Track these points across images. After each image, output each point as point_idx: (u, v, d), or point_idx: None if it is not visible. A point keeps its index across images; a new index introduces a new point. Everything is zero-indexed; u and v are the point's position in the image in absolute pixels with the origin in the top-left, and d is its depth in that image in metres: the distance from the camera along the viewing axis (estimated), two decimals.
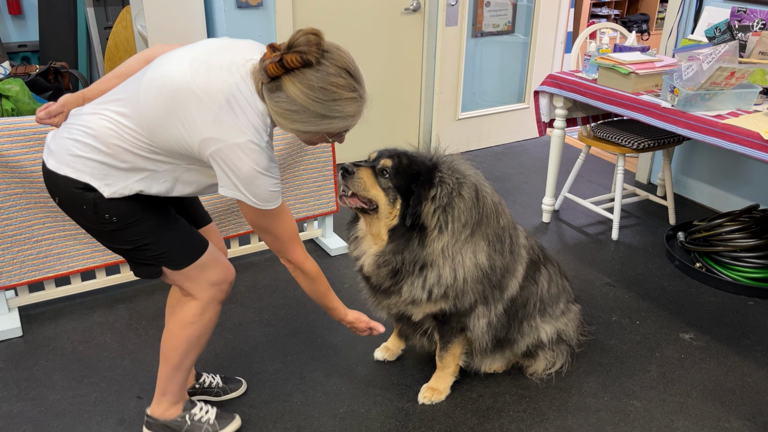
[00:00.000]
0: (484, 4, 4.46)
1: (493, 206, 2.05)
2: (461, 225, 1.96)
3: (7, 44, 4.83)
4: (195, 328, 1.87)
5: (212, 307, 1.87)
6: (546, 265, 2.33)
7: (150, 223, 1.72)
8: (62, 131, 1.70)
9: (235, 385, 2.27)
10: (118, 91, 1.68)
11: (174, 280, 1.83)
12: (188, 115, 1.56)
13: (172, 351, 1.91)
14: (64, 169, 1.65)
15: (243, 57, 1.61)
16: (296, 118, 1.56)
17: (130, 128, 1.62)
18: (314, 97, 1.52)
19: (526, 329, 2.28)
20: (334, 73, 1.53)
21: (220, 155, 1.56)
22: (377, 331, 2.15)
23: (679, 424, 2.22)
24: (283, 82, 1.53)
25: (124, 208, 1.68)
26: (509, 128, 4.93)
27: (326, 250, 3.30)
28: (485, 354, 2.29)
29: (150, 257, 1.76)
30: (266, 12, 3.75)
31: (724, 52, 2.66)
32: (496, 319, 2.17)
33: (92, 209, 1.66)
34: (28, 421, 2.18)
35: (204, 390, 2.21)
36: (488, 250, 2.03)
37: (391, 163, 1.96)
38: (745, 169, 3.65)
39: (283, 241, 1.78)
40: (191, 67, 1.58)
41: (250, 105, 1.57)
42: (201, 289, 1.84)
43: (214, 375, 2.26)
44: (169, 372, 1.94)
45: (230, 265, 1.91)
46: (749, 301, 2.93)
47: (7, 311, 2.67)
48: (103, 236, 1.74)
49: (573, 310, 2.42)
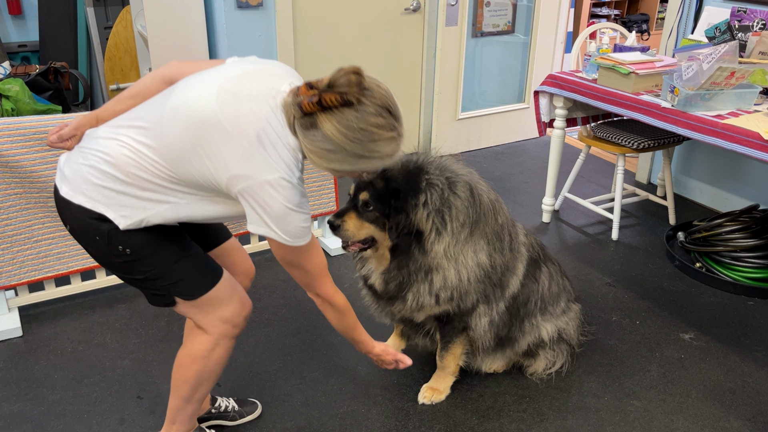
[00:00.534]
0: (484, 4, 4.46)
1: (490, 204, 2.05)
2: (459, 225, 1.95)
3: (7, 44, 4.83)
4: (205, 363, 1.81)
5: (224, 342, 1.80)
6: (546, 263, 2.33)
7: (163, 254, 1.65)
8: (77, 156, 1.62)
9: (251, 407, 2.22)
10: (138, 116, 1.60)
11: (186, 312, 1.76)
12: (216, 149, 1.49)
13: (183, 384, 1.85)
14: (78, 197, 1.57)
15: (271, 86, 1.53)
16: (332, 158, 1.49)
17: (151, 158, 1.54)
18: (352, 138, 1.44)
19: (527, 328, 2.29)
20: (373, 113, 1.45)
21: (249, 192, 1.49)
22: (404, 365, 2.09)
23: (679, 424, 2.22)
24: (318, 119, 1.45)
25: (138, 240, 1.61)
26: (509, 128, 4.93)
27: (326, 250, 3.30)
28: (487, 352, 2.29)
29: (162, 287, 1.69)
30: (266, 12, 3.75)
31: (724, 52, 2.66)
32: (498, 317, 2.17)
33: (105, 241, 1.59)
34: (28, 421, 2.18)
35: (220, 415, 2.17)
36: (488, 249, 2.03)
37: (368, 195, 1.92)
38: (745, 169, 3.65)
39: (312, 275, 1.71)
40: (218, 98, 1.50)
41: (281, 140, 1.49)
42: (212, 325, 1.77)
43: (228, 399, 2.21)
44: (180, 403, 1.89)
45: (246, 299, 1.83)
46: (749, 301, 2.93)
47: (7, 311, 2.67)
48: (113, 267, 1.68)
49: (573, 309, 2.42)
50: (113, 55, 4.63)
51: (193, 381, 1.83)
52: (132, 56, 4.63)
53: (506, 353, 2.35)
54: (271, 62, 1.65)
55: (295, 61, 3.95)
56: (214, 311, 1.76)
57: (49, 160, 2.47)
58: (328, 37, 4.02)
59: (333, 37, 4.04)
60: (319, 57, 4.04)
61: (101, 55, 4.73)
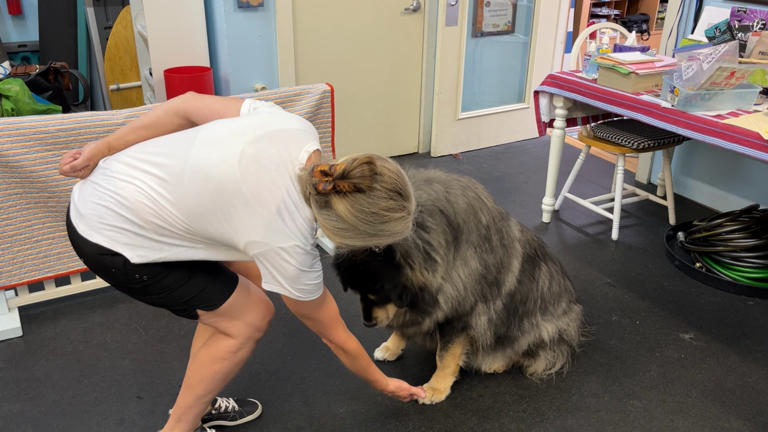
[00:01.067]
0: (484, 4, 4.46)
1: (467, 207, 2.04)
2: (444, 249, 1.98)
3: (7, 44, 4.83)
4: (226, 365, 1.85)
5: (248, 345, 1.86)
6: (546, 262, 2.33)
7: (179, 273, 1.69)
8: (92, 194, 1.63)
9: (251, 407, 2.23)
10: (156, 162, 1.61)
11: (211, 322, 1.80)
12: (235, 215, 1.54)
13: (199, 382, 1.87)
14: (95, 236, 1.60)
15: (290, 154, 1.58)
16: (345, 235, 1.54)
17: (169, 211, 1.58)
18: (364, 220, 1.50)
19: (526, 327, 2.29)
20: (384, 197, 1.51)
21: (265, 256, 1.57)
22: (419, 396, 2.20)
23: (679, 424, 2.22)
24: (332, 200, 1.50)
25: (152, 267, 1.65)
26: (509, 128, 4.93)
27: (326, 250, 3.30)
28: (487, 351, 2.30)
29: (183, 302, 1.73)
30: (266, 13, 3.75)
31: (724, 52, 2.66)
32: (496, 315, 2.19)
33: (122, 271, 1.63)
34: (28, 421, 2.18)
35: (220, 415, 2.18)
36: (477, 254, 2.06)
37: (371, 296, 2.00)
38: (745, 169, 3.65)
39: (324, 325, 1.78)
40: (240, 164, 1.54)
41: (298, 211, 1.56)
42: (239, 330, 1.82)
43: (228, 399, 2.22)
44: (192, 401, 1.91)
45: (269, 303, 1.90)
46: (749, 301, 2.93)
47: (7, 311, 2.67)
48: (132, 293, 1.71)
49: (575, 310, 2.42)
50: (113, 55, 4.63)
51: (210, 380, 1.86)
52: (132, 56, 4.63)
53: (506, 352, 2.35)
54: (290, 119, 1.68)
55: (295, 61, 3.95)
56: (239, 316, 1.80)
57: (49, 160, 2.47)
58: (328, 37, 4.02)
59: (333, 37, 4.04)
60: (319, 57, 4.04)
61: (101, 55, 4.73)
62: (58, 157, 2.47)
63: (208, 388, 1.88)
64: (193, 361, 1.88)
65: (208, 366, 1.85)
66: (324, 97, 2.98)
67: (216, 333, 1.87)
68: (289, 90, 2.91)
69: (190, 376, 1.89)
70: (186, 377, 1.90)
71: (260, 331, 1.87)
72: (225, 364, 1.85)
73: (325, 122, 3.04)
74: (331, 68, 4.11)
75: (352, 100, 4.27)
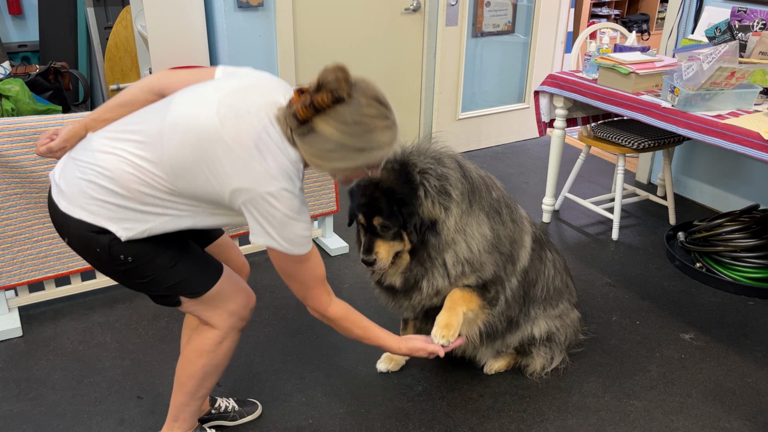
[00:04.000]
0: (484, 4, 4.46)
1: (480, 179, 2.05)
2: (460, 195, 1.95)
3: (7, 44, 4.83)
4: (212, 357, 1.83)
5: (231, 335, 1.83)
6: (551, 250, 2.33)
7: (165, 257, 1.67)
8: (72, 169, 1.61)
9: (251, 408, 2.23)
10: (133, 129, 1.60)
11: (192, 310, 1.77)
12: (218, 163, 1.51)
13: (189, 379, 1.86)
14: (77, 212, 1.58)
15: (268, 100, 1.56)
16: (334, 157, 1.51)
17: (152, 172, 1.55)
18: (350, 132, 1.47)
19: (532, 314, 2.28)
20: (365, 104, 1.49)
21: (253, 204, 1.52)
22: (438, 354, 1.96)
23: (679, 424, 2.22)
24: (315, 123, 1.48)
25: (138, 247, 1.62)
26: (509, 128, 4.93)
27: (326, 250, 3.30)
28: (494, 339, 2.27)
29: (166, 288, 1.71)
30: (266, 13, 3.75)
31: (724, 52, 2.66)
32: (512, 293, 2.16)
33: (106, 252, 1.60)
34: (28, 421, 2.18)
35: (220, 415, 2.17)
36: (489, 222, 2.03)
37: (381, 219, 1.94)
38: (745, 169, 3.65)
39: (308, 287, 1.71)
40: (219, 113, 1.52)
41: (281, 151, 1.52)
42: (221, 319, 1.79)
43: (228, 399, 2.22)
44: (184, 399, 1.90)
45: (250, 292, 1.87)
46: (749, 301, 2.93)
47: (7, 311, 2.67)
48: (115, 275, 1.69)
49: (571, 315, 2.40)
50: (113, 55, 4.63)
51: (199, 375, 1.85)
52: (132, 56, 4.63)
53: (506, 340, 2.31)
54: (265, 75, 1.67)
55: (295, 61, 3.95)
56: (221, 305, 1.78)
57: (49, 160, 2.47)
58: (328, 37, 4.02)
59: (333, 37, 4.04)
60: (319, 57, 4.04)
61: (101, 55, 4.73)
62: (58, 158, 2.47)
63: (199, 383, 1.87)
64: (181, 359, 1.88)
65: (194, 361, 1.84)
66: None
67: (199, 326, 1.85)
68: None
69: (180, 374, 1.88)
70: (176, 375, 1.89)
71: (243, 320, 1.84)
72: (211, 357, 1.83)
73: None
74: None
75: None
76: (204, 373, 1.85)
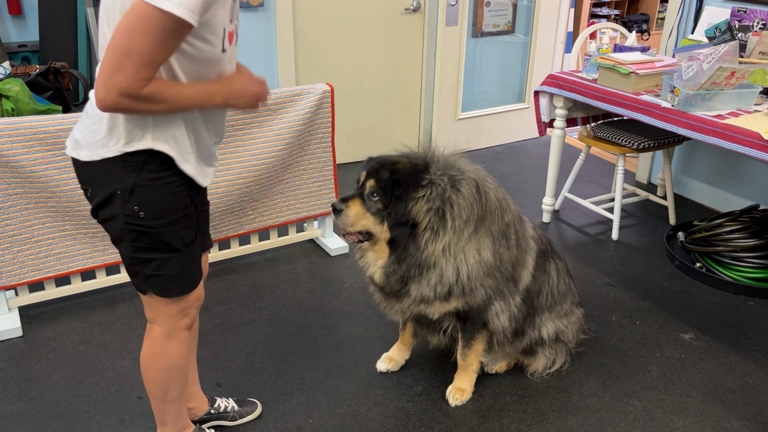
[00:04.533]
0: (484, 4, 4.46)
1: (497, 202, 2.05)
2: (463, 222, 1.94)
3: (7, 44, 4.83)
4: (165, 359, 1.79)
5: (177, 333, 1.78)
6: (554, 258, 2.33)
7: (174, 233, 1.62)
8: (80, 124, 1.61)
9: (251, 407, 2.22)
10: None
11: (147, 300, 1.73)
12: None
13: (151, 384, 1.84)
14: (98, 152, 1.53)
15: None
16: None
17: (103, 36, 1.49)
18: None
19: (537, 322, 2.29)
20: None
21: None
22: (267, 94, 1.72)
23: (679, 424, 2.22)
24: None
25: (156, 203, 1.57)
26: (509, 128, 4.93)
27: (326, 250, 3.30)
28: (503, 347, 2.29)
29: (148, 275, 1.66)
30: (267, 13, 3.75)
31: (724, 52, 2.66)
32: (517, 310, 2.18)
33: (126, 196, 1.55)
34: (28, 421, 2.18)
35: (220, 415, 2.16)
36: (493, 247, 2.02)
37: (374, 183, 1.94)
38: (745, 169, 3.65)
39: (143, 64, 1.37)
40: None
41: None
42: (165, 316, 1.75)
43: (227, 399, 2.21)
44: (158, 404, 1.88)
45: (201, 290, 1.81)
46: (749, 301, 2.93)
47: (7, 311, 2.67)
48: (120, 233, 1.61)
49: (576, 313, 2.43)
50: None
51: (159, 379, 1.82)
52: None
53: (507, 349, 2.34)
54: None
55: (295, 61, 3.95)
56: (174, 306, 1.74)
57: (50, 160, 2.47)
58: (328, 37, 4.02)
59: (333, 37, 4.04)
60: (319, 57, 4.04)
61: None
62: (58, 157, 2.47)
63: (163, 387, 1.83)
64: (141, 364, 1.84)
65: (150, 366, 1.81)
66: (324, 97, 2.98)
67: (146, 330, 1.81)
68: (289, 90, 2.91)
69: (144, 380, 1.85)
70: (144, 384, 1.87)
71: (187, 317, 1.78)
72: (165, 359, 1.79)
73: (325, 122, 3.05)
74: (331, 68, 4.11)
75: (352, 100, 4.27)
76: (163, 376, 1.81)
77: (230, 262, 3.17)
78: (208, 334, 2.63)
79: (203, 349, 2.54)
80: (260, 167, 2.91)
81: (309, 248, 3.34)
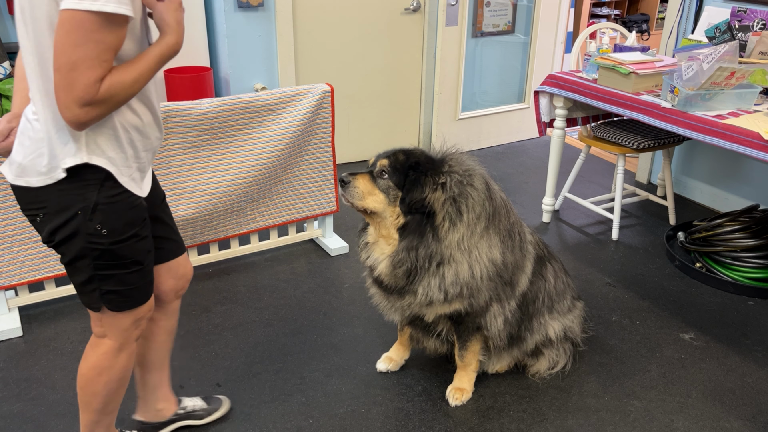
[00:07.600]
0: (484, 4, 4.46)
1: (503, 202, 2.06)
2: (476, 216, 1.93)
3: (7, 44, 4.83)
4: (113, 373, 1.73)
5: (127, 346, 1.73)
6: (551, 261, 2.34)
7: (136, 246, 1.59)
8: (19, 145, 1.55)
9: (217, 404, 2.20)
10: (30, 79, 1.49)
11: (98, 317, 1.68)
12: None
13: (92, 397, 1.75)
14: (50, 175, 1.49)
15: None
16: None
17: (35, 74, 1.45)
18: None
19: (535, 326, 2.29)
20: None
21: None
22: None
23: (679, 424, 2.22)
24: None
25: (117, 219, 1.54)
26: (509, 128, 4.93)
27: (326, 250, 3.31)
28: (499, 351, 2.29)
29: (106, 291, 1.61)
30: (267, 13, 3.75)
31: (724, 52, 2.66)
32: (511, 315, 2.17)
33: (88, 216, 1.51)
34: (28, 421, 2.18)
35: (188, 415, 2.14)
36: (501, 246, 2.02)
37: (387, 162, 1.95)
38: (745, 169, 3.65)
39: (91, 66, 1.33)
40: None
41: None
42: (119, 329, 1.70)
43: (193, 398, 2.18)
44: (95, 417, 1.79)
45: (151, 301, 1.75)
46: (749, 301, 2.93)
47: (7, 311, 2.67)
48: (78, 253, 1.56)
49: (578, 306, 2.44)
50: None
51: (104, 391, 1.76)
52: None
53: (513, 353, 2.34)
54: None
55: (295, 61, 3.95)
56: (127, 318, 1.70)
57: None
58: (328, 37, 4.02)
59: (333, 37, 4.04)
60: (319, 57, 4.04)
61: None
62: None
63: (105, 400, 1.77)
64: (79, 377, 1.75)
65: (94, 380, 1.73)
66: (324, 97, 2.98)
67: (91, 342, 1.75)
68: (289, 90, 2.91)
69: (82, 393, 1.77)
70: (78, 395, 1.78)
71: (138, 328, 1.73)
72: (112, 373, 1.73)
73: (325, 122, 3.05)
74: (331, 68, 4.11)
75: (352, 100, 4.27)
76: (108, 389, 1.75)
77: (230, 262, 3.17)
78: (208, 334, 2.63)
79: (203, 349, 2.54)
80: (260, 167, 2.91)
81: (309, 248, 3.34)
